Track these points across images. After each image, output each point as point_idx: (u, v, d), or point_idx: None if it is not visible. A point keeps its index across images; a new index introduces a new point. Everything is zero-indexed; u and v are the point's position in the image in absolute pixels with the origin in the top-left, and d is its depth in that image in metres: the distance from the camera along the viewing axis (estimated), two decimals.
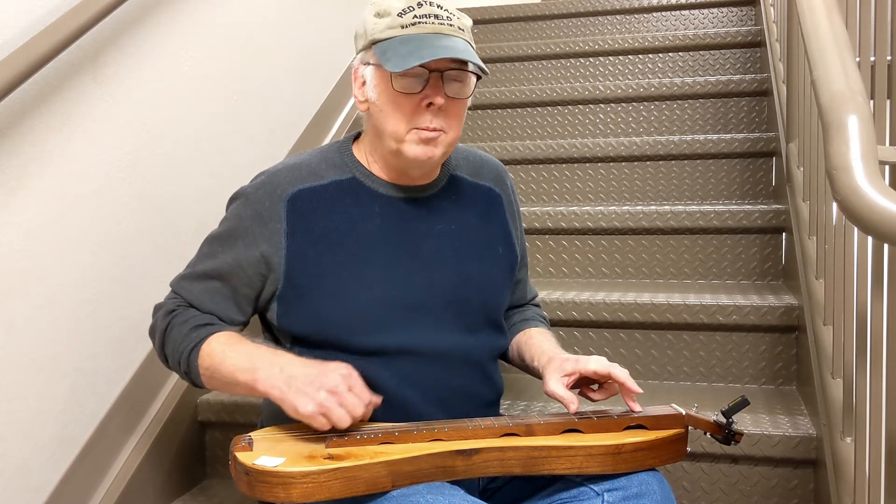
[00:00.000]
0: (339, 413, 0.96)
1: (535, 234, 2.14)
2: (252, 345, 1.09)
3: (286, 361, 1.04)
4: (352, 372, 1.02)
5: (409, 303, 1.14)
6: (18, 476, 1.28)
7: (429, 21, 1.08)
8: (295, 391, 0.99)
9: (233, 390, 1.09)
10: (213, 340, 1.11)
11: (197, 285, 1.17)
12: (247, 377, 1.04)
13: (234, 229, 1.16)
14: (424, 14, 1.08)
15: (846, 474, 1.18)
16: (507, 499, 1.16)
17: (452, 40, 1.07)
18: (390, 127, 1.10)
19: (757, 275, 2.01)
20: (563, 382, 1.10)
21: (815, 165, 1.57)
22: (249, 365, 1.04)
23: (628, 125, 2.61)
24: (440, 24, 1.08)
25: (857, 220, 0.85)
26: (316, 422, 0.97)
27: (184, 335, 1.12)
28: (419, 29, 1.07)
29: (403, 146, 1.10)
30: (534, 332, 1.28)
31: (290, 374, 1.01)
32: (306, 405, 0.97)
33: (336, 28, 2.57)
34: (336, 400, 0.97)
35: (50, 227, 1.35)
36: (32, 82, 1.30)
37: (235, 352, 1.08)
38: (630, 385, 1.08)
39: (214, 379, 1.10)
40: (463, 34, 1.10)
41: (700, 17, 3.06)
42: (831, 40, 1.09)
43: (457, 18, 1.10)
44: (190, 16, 1.77)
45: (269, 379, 1.01)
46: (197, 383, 1.12)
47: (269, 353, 1.07)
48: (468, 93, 1.12)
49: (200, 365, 1.10)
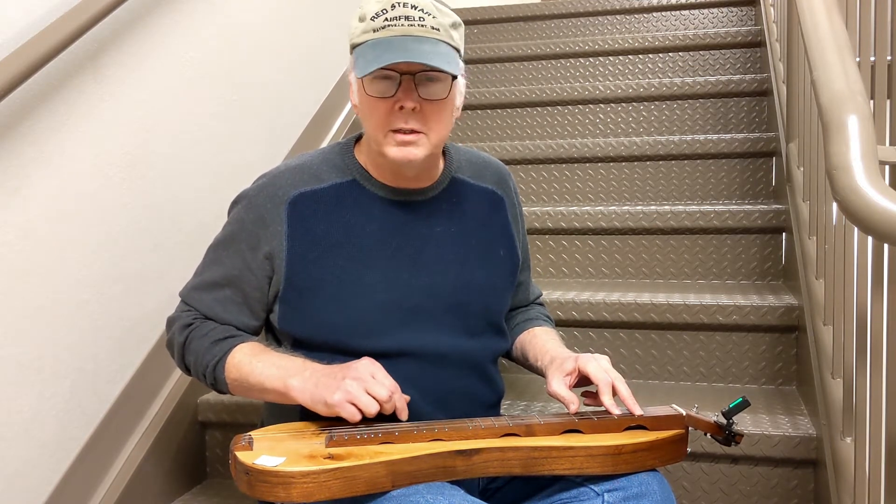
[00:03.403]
0: (365, 399, 0.98)
1: (535, 234, 2.13)
2: (276, 354, 1.12)
3: (313, 367, 1.07)
4: (374, 362, 1.04)
5: (409, 306, 1.14)
6: (18, 476, 1.28)
7: (398, 24, 1.07)
8: (323, 387, 1.01)
9: (262, 397, 1.11)
10: (237, 353, 1.12)
11: (207, 295, 1.18)
12: (277, 385, 1.06)
13: (238, 233, 1.16)
14: (395, 17, 1.07)
15: (846, 474, 1.18)
16: (507, 499, 1.16)
17: (420, 43, 1.06)
18: (370, 130, 1.12)
19: (757, 275, 2.01)
20: (566, 382, 1.10)
21: (815, 165, 1.57)
22: (279, 373, 1.07)
23: (628, 125, 2.61)
24: (410, 24, 1.07)
25: (857, 220, 0.85)
26: (345, 411, 0.99)
27: (206, 349, 1.14)
28: (388, 32, 1.07)
29: (384, 149, 1.11)
30: (538, 331, 1.28)
31: (317, 376, 1.04)
32: (333, 395, 0.99)
33: (336, 28, 2.57)
34: (361, 386, 0.99)
35: (50, 227, 1.35)
36: (32, 82, 1.30)
37: (262, 362, 1.10)
38: (630, 404, 1.08)
39: (243, 388, 1.12)
40: (437, 34, 1.08)
41: (700, 17, 3.05)
42: (831, 40, 1.09)
43: (431, 17, 1.08)
44: (190, 16, 1.77)
45: (301, 384, 1.04)
46: (224, 392, 1.15)
47: (295, 361, 1.09)
48: (443, 94, 1.09)
49: (227, 377, 1.12)
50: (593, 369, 1.09)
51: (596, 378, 1.08)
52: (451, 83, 1.10)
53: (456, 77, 1.10)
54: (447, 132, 1.14)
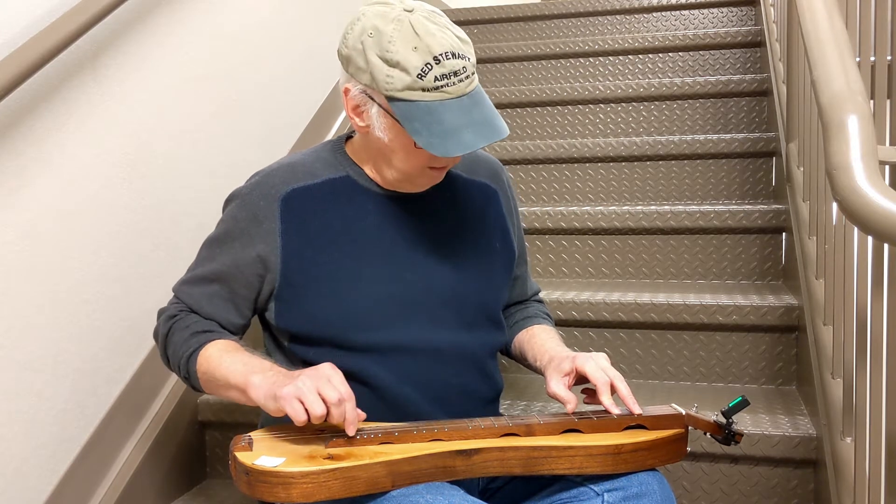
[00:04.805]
0: (312, 398, 0.96)
1: (535, 234, 2.13)
2: (248, 354, 1.10)
3: (279, 370, 1.05)
4: (335, 368, 1.01)
5: (405, 300, 1.14)
6: (18, 476, 1.28)
7: (452, 82, 1.02)
8: (278, 385, 0.99)
9: (226, 394, 1.10)
10: (211, 346, 1.12)
11: (196, 289, 1.18)
12: (238, 380, 1.05)
13: (231, 231, 1.16)
14: (445, 74, 1.01)
15: (846, 474, 1.18)
16: (507, 499, 1.16)
17: (479, 104, 1.04)
18: (400, 166, 1.11)
19: (757, 275, 2.01)
20: (564, 382, 1.10)
21: (815, 165, 1.57)
22: (243, 369, 1.05)
23: (628, 125, 2.61)
24: (459, 81, 1.02)
25: (857, 220, 0.85)
26: (291, 406, 0.96)
27: (184, 340, 1.14)
28: (444, 94, 1.02)
29: (412, 179, 1.12)
30: (537, 330, 1.28)
31: (279, 376, 1.02)
32: (282, 389, 0.97)
33: (336, 28, 2.57)
34: (313, 385, 0.97)
35: (50, 227, 1.35)
36: (32, 82, 1.30)
37: (231, 358, 1.09)
38: (629, 403, 1.08)
39: (210, 383, 1.11)
40: (476, 78, 1.05)
41: (700, 17, 3.05)
42: (831, 40, 1.09)
43: (468, 60, 1.03)
44: (189, 16, 1.77)
45: (260, 381, 1.02)
46: (196, 387, 1.14)
47: (263, 362, 1.08)
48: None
49: (198, 370, 1.12)
50: (591, 369, 1.08)
51: (593, 378, 1.08)
52: None
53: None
54: None
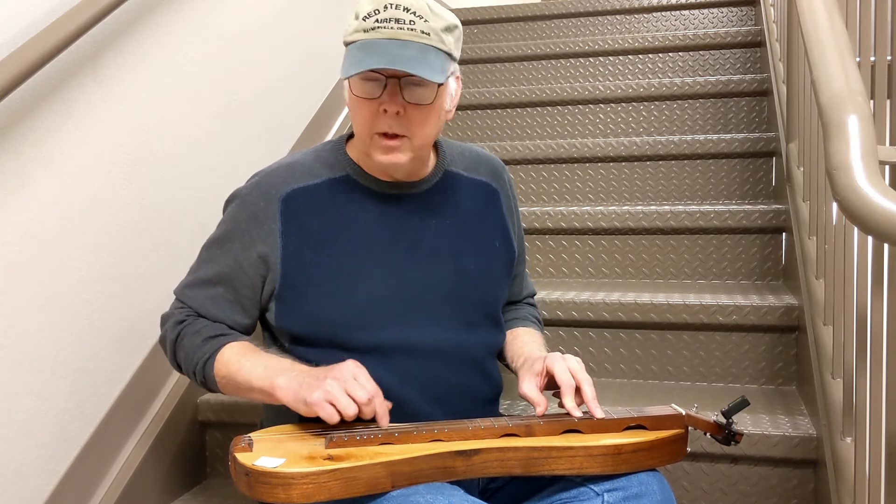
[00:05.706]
0: (344, 400, 0.97)
1: (535, 234, 2.13)
2: (265, 354, 1.11)
3: (300, 368, 1.06)
4: (359, 365, 1.03)
5: (406, 299, 1.14)
6: (18, 476, 1.28)
7: (388, 26, 1.06)
8: (306, 387, 1.00)
9: (249, 396, 1.10)
10: (227, 350, 1.12)
11: (200, 292, 1.18)
12: (263, 384, 1.05)
13: (231, 232, 1.16)
14: (386, 18, 1.06)
15: (846, 474, 1.18)
16: (507, 499, 1.16)
17: (406, 48, 1.05)
18: (357, 130, 1.13)
19: (757, 275, 2.01)
20: (535, 383, 1.10)
21: (815, 165, 1.57)
22: (266, 373, 1.06)
23: (628, 125, 2.61)
24: (399, 28, 1.06)
25: (857, 220, 0.85)
26: (324, 411, 0.97)
27: (196, 346, 1.14)
28: (377, 34, 1.06)
29: (370, 150, 1.12)
30: (520, 332, 1.28)
31: (303, 376, 1.03)
32: (313, 394, 0.98)
33: (336, 28, 2.57)
34: (341, 386, 0.98)
35: (50, 228, 1.35)
36: (32, 82, 1.30)
37: (251, 361, 1.09)
38: (591, 406, 1.06)
39: (230, 386, 1.12)
40: (427, 38, 1.07)
41: (700, 17, 3.05)
42: (831, 40, 1.09)
43: (423, 21, 1.07)
44: (189, 16, 1.77)
45: (286, 383, 1.03)
46: (213, 390, 1.15)
47: (283, 361, 1.09)
48: (428, 99, 1.08)
49: (217, 374, 1.12)
50: (559, 370, 1.08)
51: (559, 379, 1.07)
52: (438, 88, 1.09)
53: (441, 84, 1.08)
54: (433, 135, 1.14)
